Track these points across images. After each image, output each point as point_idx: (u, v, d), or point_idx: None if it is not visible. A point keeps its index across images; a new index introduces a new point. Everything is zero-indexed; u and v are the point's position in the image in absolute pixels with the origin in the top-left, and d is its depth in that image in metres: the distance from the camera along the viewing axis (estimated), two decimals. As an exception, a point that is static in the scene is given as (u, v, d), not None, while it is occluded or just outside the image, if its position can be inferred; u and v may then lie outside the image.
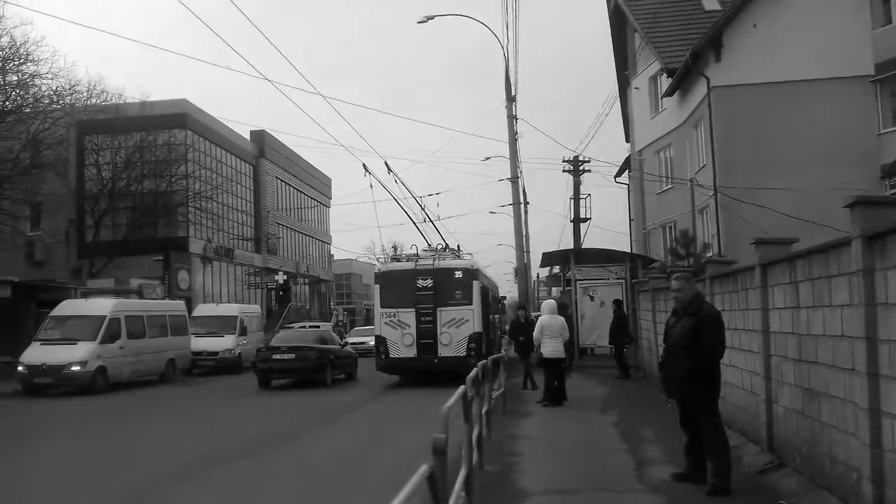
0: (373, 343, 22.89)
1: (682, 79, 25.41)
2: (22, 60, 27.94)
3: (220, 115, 52.43)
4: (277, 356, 20.31)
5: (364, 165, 21.92)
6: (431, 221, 25.33)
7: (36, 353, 19.50)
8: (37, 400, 18.50)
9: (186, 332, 24.45)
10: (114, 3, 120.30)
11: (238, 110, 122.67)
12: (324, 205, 65.91)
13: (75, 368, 19.11)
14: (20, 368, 19.36)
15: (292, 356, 20.12)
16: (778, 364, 7.87)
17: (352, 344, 27.48)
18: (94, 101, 32.37)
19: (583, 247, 31.15)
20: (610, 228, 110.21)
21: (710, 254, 21.70)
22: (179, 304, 25.67)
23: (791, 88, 22.49)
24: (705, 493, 6.92)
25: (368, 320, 41.36)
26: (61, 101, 30.36)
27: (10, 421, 15.09)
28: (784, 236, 8.28)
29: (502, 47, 29.41)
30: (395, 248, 56.17)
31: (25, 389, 19.28)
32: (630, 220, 36.25)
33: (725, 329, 7.46)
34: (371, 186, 22.45)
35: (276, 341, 21.76)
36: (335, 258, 70.66)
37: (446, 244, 22.91)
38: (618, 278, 23.55)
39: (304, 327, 31.65)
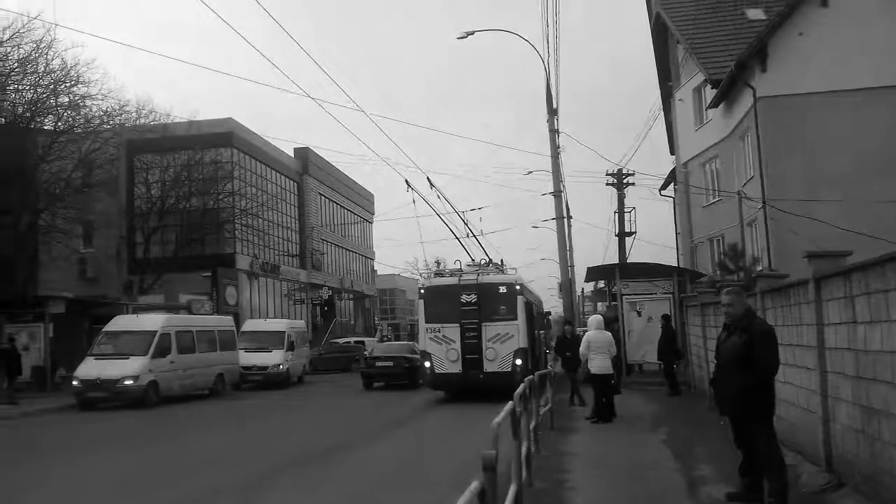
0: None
1: (727, 89, 25.09)
2: (73, 82, 28.71)
3: (264, 133, 53.33)
4: (379, 364, 25.12)
5: (406, 181, 21.73)
6: (474, 236, 25.15)
7: (90, 368, 19.94)
8: (91, 413, 18.92)
9: (235, 347, 24.81)
10: (156, 24, 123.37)
11: (281, 127, 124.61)
12: (367, 220, 66.45)
13: (128, 383, 19.52)
14: (75, 383, 19.83)
15: (390, 364, 24.92)
16: (835, 381, 7.68)
17: None
18: (142, 120, 33.18)
19: (628, 261, 30.76)
20: (655, 242, 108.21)
21: (760, 268, 21.30)
22: (228, 320, 26.05)
23: (839, 97, 22.09)
24: (761, 513, 6.79)
25: (413, 336, 41.46)
26: (111, 122, 31.05)
27: (63, 435, 15.42)
28: (837, 249, 8.11)
29: (543, 61, 29.28)
30: (438, 263, 56.07)
31: (80, 403, 19.71)
32: (676, 233, 35.80)
33: (779, 345, 7.32)
34: (413, 202, 22.44)
35: (376, 352, 26.69)
36: (378, 273, 71.09)
37: (490, 259, 22.65)
38: (665, 293, 23.04)
39: (350, 343, 32.14)
